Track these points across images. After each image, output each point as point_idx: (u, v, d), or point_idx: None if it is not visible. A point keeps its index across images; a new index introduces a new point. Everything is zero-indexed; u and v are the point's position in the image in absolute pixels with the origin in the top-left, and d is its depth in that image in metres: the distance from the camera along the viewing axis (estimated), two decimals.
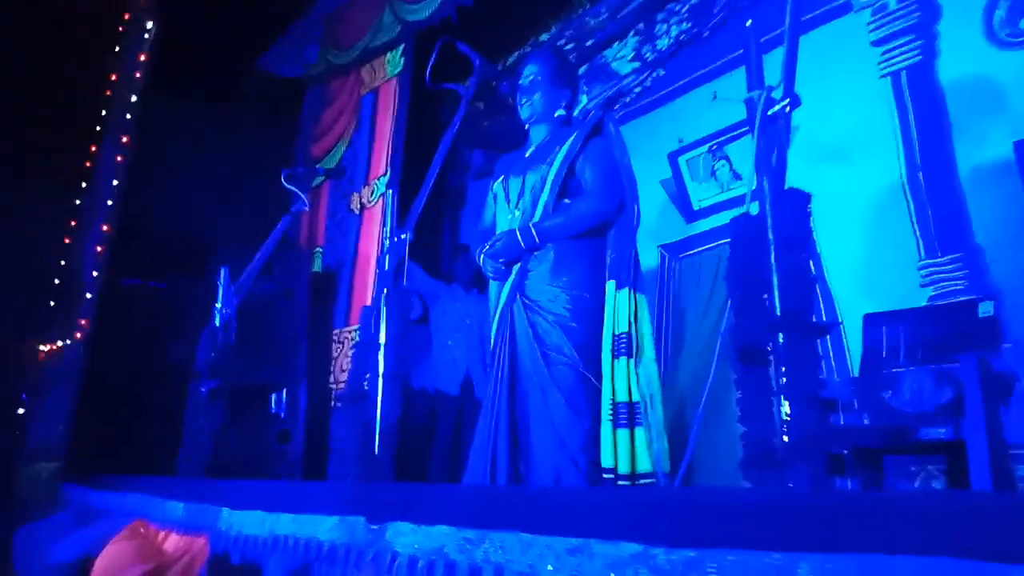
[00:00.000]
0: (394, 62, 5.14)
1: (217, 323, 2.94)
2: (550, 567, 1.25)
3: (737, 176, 3.58)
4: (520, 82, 2.43)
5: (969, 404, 2.16)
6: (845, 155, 3.07)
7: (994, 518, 0.81)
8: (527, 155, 2.41)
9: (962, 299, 2.61)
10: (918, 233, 2.86)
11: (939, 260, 2.79)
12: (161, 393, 4.26)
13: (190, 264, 4.77)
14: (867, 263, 2.89)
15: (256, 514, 2.14)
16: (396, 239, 2.15)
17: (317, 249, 5.30)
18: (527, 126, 2.45)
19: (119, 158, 5.64)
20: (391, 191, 2.36)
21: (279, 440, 3.91)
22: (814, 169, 2.74)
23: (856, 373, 2.60)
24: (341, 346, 4.80)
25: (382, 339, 2.12)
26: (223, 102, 5.17)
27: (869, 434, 2.37)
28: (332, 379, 4.73)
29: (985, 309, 2.49)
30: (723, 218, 3.58)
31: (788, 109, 1.37)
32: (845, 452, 2.38)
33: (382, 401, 2.08)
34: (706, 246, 3.65)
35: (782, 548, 0.95)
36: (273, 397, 4.11)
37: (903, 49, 3.07)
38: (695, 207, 3.77)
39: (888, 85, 3.08)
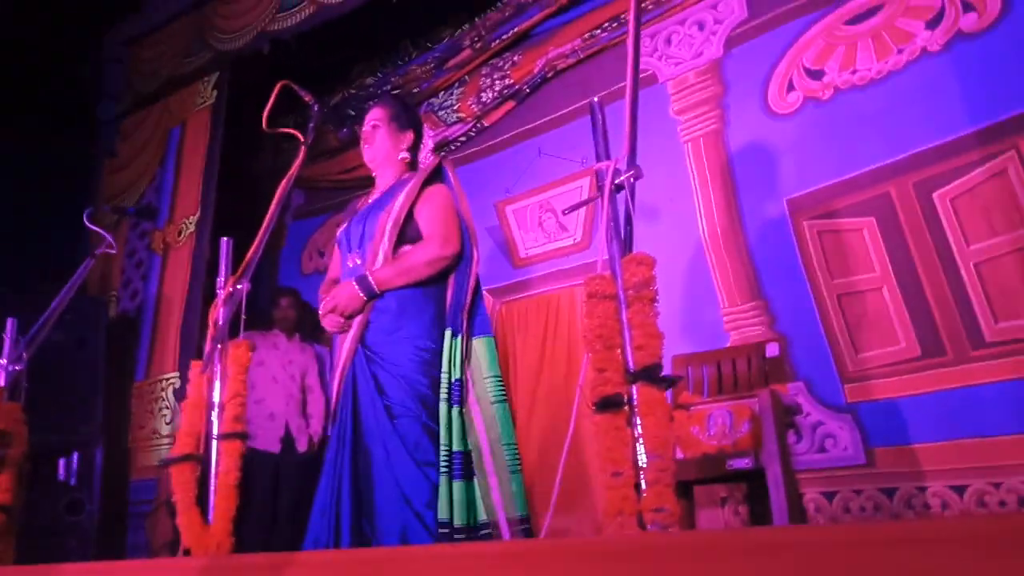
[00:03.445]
0: (205, 93, 4.87)
1: (2, 383, 2.57)
2: None
3: (563, 228, 3.80)
4: (364, 129, 2.44)
5: (765, 434, 2.43)
6: (655, 214, 3.39)
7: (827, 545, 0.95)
8: (371, 201, 2.40)
9: (756, 342, 2.95)
10: (720, 284, 3.21)
11: (737, 308, 3.14)
12: None
13: None
14: (682, 310, 3.19)
15: None
16: (233, 290, 2.04)
17: (112, 293, 4.80)
18: (373, 172, 2.45)
19: None
20: (226, 239, 2.22)
21: (69, 511, 3.46)
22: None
23: None
24: (141, 400, 4.37)
25: (216, 398, 1.99)
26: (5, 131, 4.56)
27: (683, 467, 2.59)
28: (131, 438, 4.28)
29: (771, 350, 2.85)
30: (549, 266, 3.79)
31: (633, 180, 1.51)
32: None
33: (216, 464, 1.95)
34: (532, 292, 3.82)
35: None
36: (61, 462, 3.64)
37: (699, 119, 3.47)
38: (521, 254, 3.94)
39: (689, 150, 3.46)
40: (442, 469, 2.02)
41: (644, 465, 1.34)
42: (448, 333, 2.16)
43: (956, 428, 2.53)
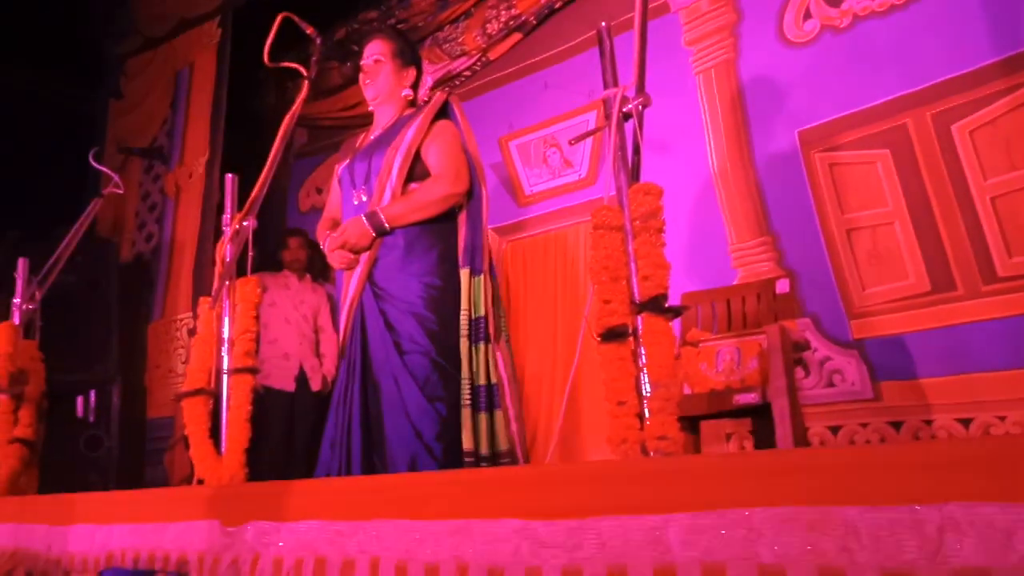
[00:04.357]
0: (211, 31, 4.79)
1: (17, 321, 2.61)
2: (429, 550, 1.27)
3: (568, 164, 3.74)
4: (363, 62, 2.38)
5: (773, 370, 2.44)
6: (663, 147, 3.32)
7: (818, 468, 0.95)
8: (372, 138, 2.37)
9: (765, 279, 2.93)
10: (729, 219, 3.17)
11: (746, 244, 3.11)
12: None
13: None
14: (689, 247, 3.16)
15: (83, 528, 1.96)
16: (239, 227, 2.04)
17: (126, 236, 4.83)
18: (371, 107, 2.40)
19: None
20: (230, 175, 2.21)
21: (88, 447, 3.55)
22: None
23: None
24: (157, 340, 4.43)
25: (226, 334, 2.01)
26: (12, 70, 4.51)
27: (691, 402, 2.62)
28: (148, 377, 4.36)
29: (782, 287, 2.83)
30: (554, 204, 3.75)
31: (642, 107, 1.47)
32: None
33: (228, 398, 1.97)
34: (538, 230, 3.79)
35: (653, 511, 1.04)
36: (79, 400, 3.71)
37: (712, 49, 3.37)
38: (527, 192, 3.90)
39: (701, 82, 3.37)
40: (466, 402, 2.07)
41: (648, 395, 1.35)
42: (466, 272, 2.16)
43: (964, 363, 2.53)
